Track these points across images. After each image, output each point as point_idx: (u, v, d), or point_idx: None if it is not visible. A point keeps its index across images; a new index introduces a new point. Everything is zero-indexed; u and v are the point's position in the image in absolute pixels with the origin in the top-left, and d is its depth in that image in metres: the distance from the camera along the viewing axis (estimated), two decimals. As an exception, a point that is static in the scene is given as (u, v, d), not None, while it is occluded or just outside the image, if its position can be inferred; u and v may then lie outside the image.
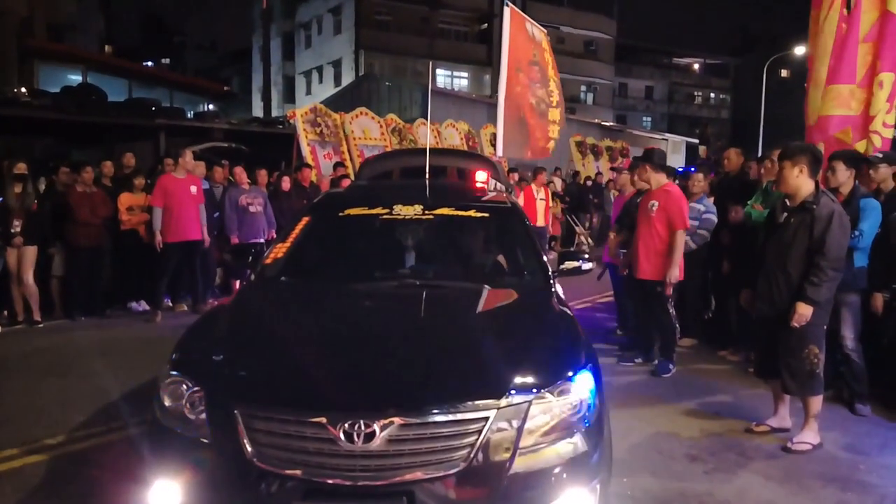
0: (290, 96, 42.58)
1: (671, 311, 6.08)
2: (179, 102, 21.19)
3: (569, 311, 3.58)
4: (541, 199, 11.67)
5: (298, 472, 2.52)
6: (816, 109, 6.35)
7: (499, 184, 5.79)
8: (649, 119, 53.72)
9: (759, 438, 4.60)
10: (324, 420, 2.53)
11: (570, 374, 2.83)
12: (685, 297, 6.85)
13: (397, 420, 2.53)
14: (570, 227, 16.37)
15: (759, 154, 9.74)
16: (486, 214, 4.59)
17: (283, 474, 2.52)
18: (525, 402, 2.65)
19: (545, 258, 4.18)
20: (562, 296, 3.87)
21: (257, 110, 34.45)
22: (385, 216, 4.38)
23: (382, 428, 2.51)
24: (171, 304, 8.76)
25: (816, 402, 4.43)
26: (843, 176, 5.08)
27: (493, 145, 18.77)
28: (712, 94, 59.75)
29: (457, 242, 4.63)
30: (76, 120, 11.35)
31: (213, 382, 2.78)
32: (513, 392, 2.66)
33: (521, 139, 10.06)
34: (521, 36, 10.21)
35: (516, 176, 13.56)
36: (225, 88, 32.63)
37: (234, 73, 49.43)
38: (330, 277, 4.10)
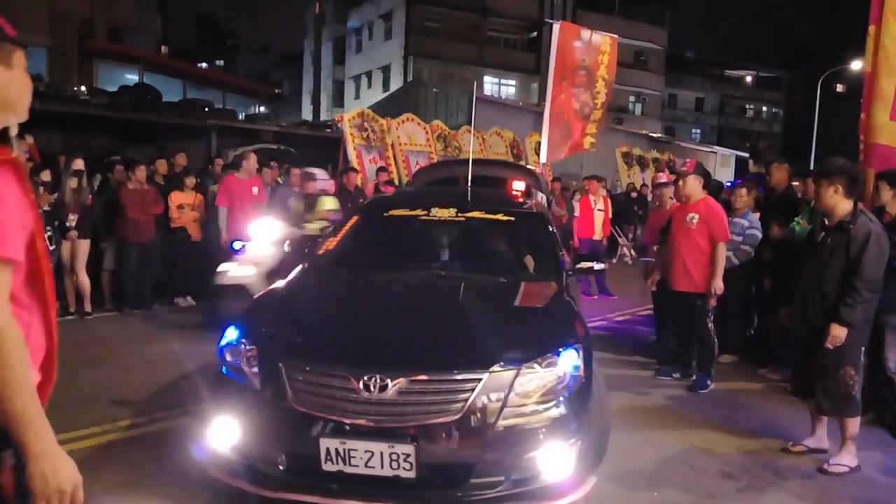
0: (339, 100, 43.13)
1: (710, 325, 6.01)
2: (231, 104, 21.59)
3: (573, 303, 4.14)
4: (598, 210, 11.09)
5: (326, 413, 3.14)
6: (881, 127, 6.15)
7: (540, 193, 5.98)
8: (699, 131, 52.93)
9: (794, 458, 4.53)
10: (347, 374, 3.18)
11: (558, 350, 3.38)
12: (727, 313, 6.77)
13: (405, 377, 3.14)
14: (613, 239, 16.22)
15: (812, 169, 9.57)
16: (512, 218, 5.13)
17: (314, 415, 3.15)
18: (514, 369, 3.22)
19: (561, 258, 4.73)
20: (572, 291, 4.39)
21: (307, 113, 34.96)
22: (423, 217, 5.02)
23: (394, 383, 3.12)
24: (193, 301, 8.88)
25: (853, 424, 4.35)
26: (887, 196, 4.99)
27: (538, 154, 18.80)
28: (764, 108, 58.67)
29: (483, 241, 5.20)
30: (132, 118, 11.68)
31: (265, 343, 3.46)
32: (504, 361, 3.24)
33: (562, 143, 10.58)
34: (569, 45, 10.50)
35: (559, 185, 13.52)
36: (276, 91, 33.20)
37: (285, 77, 50.27)
38: (370, 267, 4.80)
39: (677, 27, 48.13)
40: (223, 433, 3.31)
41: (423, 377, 3.16)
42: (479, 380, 3.14)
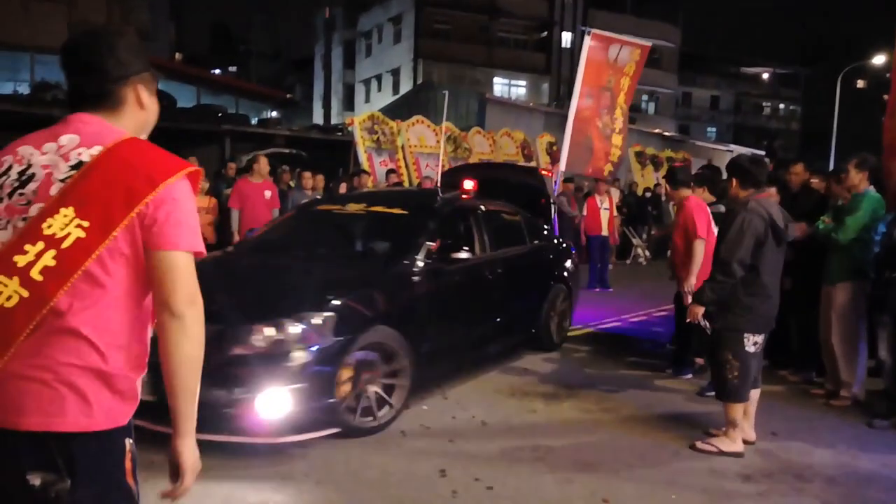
0: (349, 104, 43.20)
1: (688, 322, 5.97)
2: (244, 109, 21.66)
3: (411, 275, 5.15)
4: (604, 209, 12.11)
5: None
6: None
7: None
8: (714, 130, 52.50)
9: (817, 462, 4.42)
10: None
11: (290, 315, 4.41)
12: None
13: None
14: (626, 239, 16.12)
15: (832, 168, 9.44)
16: (407, 212, 5.99)
17: None
18: (250, 325, 4.35)
19: (429, 243, 5.39)
20: (420, 264, 5.24)
21: (318, 117, 35.03)
22: (337, 211, 6.30)
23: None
24: None
25: (732, 410, 4.45)
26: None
27: (549, 154, 18.77)
28: (782, 105, 57.99)
29: (376, 229, 6.00)
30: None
31: None
32: (246, 319, 4.42)
33: (585, 156, 10.92)
34: (598, 60, 10.84)
35: (572, 186, 13.52)
36: (287, 96, 33.21)
37: (297, 82, 50.40)
38: (280, 247, 5.85)
39: (690, 25, 47.91)
40: None
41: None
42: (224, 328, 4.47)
